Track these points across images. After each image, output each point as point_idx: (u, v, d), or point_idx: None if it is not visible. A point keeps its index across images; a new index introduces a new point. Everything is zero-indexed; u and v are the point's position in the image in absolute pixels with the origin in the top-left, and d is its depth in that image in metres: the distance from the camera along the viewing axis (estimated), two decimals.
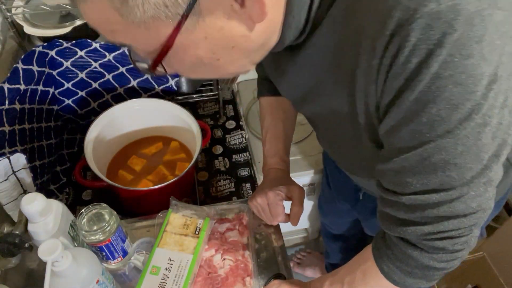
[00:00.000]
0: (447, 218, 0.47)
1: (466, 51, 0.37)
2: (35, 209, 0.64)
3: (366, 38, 0.41)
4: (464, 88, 0.38)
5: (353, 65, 0.44)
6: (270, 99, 0.84)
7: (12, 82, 0.79)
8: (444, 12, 0.36)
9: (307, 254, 1.67)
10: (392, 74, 0.40)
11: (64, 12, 1.00)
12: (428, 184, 0.45)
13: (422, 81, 0.39)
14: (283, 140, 0.84)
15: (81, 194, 0.99)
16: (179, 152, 1.00)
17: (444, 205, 0.46)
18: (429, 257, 0.51)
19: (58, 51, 0.91)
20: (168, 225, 0.78)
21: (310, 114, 0.66)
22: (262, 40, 0.45)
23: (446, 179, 0.44)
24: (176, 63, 0.44)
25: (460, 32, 0.36)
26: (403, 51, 0.38)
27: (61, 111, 1.02)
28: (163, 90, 1.03)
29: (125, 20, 0.37)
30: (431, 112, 0.40)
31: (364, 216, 1.00)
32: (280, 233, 0.83)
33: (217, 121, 1.17)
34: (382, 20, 0.38)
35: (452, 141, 0.41)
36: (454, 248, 0.49)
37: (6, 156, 0.75)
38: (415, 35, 0.37)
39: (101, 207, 0.71)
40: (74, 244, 0.73)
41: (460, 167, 0.43)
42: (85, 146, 0.87)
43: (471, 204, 0.46)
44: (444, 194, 0.45)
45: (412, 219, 0.49)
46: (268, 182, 0.81)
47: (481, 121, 0.40)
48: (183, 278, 0.71)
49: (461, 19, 0.36)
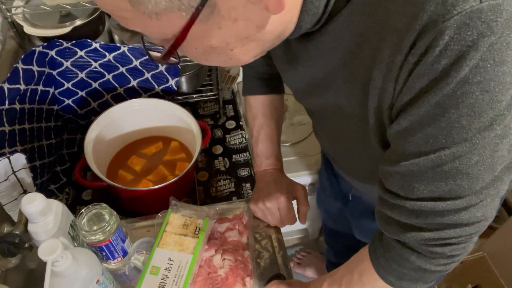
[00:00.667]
0: (450, 226, 0.45)
1: (500, 57, 0.34)
2: (35, 209, 0.64)
3: (391, 31, 0.38)
4: (490, 96, 0.36)
5: (372, 60, 0.41)
6: (261, 98, 0.83)
7: (12, 82, 0.79)
8: (485, 11, 0.33)
9: (307, 254, 1.67)
10: (416, 73, 0.37)
11: (64, 12, 1.00)
12: (436, 191, 0.43)
13: (448, 85, 0.36)
14: (277, 139, 0.84)
15: (81, 194, 0.99)
16: (179, 152, 1.00)
17: (450, 214, 0.44)
18: (427, 261, 0.50)
19: (58, 51, 0.91)
20: (168, 225, 0.78)
21: (313, 106, 0.64)
22: (278, 31, 0.43)
23: (455, 188, 0.42)
24: (189, 51, 0.42)
25: (498, 35, 0.33)
26: (434, 50, 0.35)
27: (61, 111, 1.02)
28: (163, 90, 1.03)
29: (136, 10, 0.35)
30: (451, 118, 0.38)
31: (353, 217, 0.98)
32: (280, 233, 0.82)
33: (217, 121, 1.17)
34: (412, 13, 0.35)
35: (468, 150, 0.39)
36: (452, 254, 0.49)
37: (6, 156, 0.75)
38: (449, 33, 0.34)
39: (101, 207, 0.71)
40: (74, 244, 0.73)
41: (471, 177, 0.41)
42: (85, 146, 0.87)
43: (477, 214, 0.44)
44: (451, 203, 0.43)
45: (413, 224, 0.48)
46: (271, 184, 0.80)
47: (501, 132, 0.38)
48: (182, 278, 0.71)
49: (501, 21, 0.33)
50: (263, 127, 0.83)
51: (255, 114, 0.83)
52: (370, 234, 0.94)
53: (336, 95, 0.51)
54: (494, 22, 0.33)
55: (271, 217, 0.79)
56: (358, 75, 0.45)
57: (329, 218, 1.26)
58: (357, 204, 0.92)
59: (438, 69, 0.36)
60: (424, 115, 0.39)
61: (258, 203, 0.79)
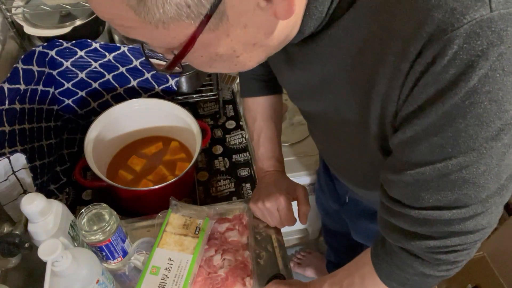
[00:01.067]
0: (455, 234, 0.45)
1: (509, 66, 0.34)
2: (35, 209, 0.64)
3: (395, 37, 0.37)
4: (498, 106, 0.35)
5: (375, 66, 0.41)
6: (259, 99, 0.82)
7: (12, 82, 0.79)
8: (495, 20, 0.32)
9: (307, 254, 1.67)
10: (423, 83, 0.37)
11: (64, 12, 1.00)
12: (442, 200, 0.43)
13: (456, 95, 0.35)
14: (277, 141, 0.83)
15: (81, 194, 0.99)
16: (179, 152, 1.00)
17: (455, 222, 0.44)
18: (430, 267, 0.50)
19: (58, 51, 0.91)
20: (168, 225, 0.78)
21: (308, 109, 0.63)
22: (284, 36, 0.43)
23: (461, 197, 0.42)
24: (194, 59, 0.42)
25: (508, 45, 0.33)
26: (442, 60, 0.34)
27: (61, 111, 1.02)
28: (163, 90, 1.03)
29: (141, 20, 0.34)
30: (458, 128, 0.37)
31: (350, 219, 0.98)
32: (280, 233, 0.82)
33: (217, 121, 1.17)
34: (419, 21, 0.35)
35: (475, 160, 0.39)
36: (456, 260, 0.49)
37: (6, 156, 0.75)
38: (458, 43, 0.33)
39: (101, 207, 0.71)
40: (74, 244, 0.73)
41: (478, 186, 0.41)
42: (85, 146, 0.87)
43: (482, 221, 0.44)
44: (457, 212, 0.43)
45: (418, 232, 0.47)
46: (271, 185, 0.80)
47: (508, 142, 0.38)
48: (182, 278, 0.71)
49: (511, 30, 0.33)
50: (263, 130, 0.82)
51: (254, 117, 0.83)
52: (367, 236, 0.95)
53: (335, 99, 0.50)
54: (505, 31, 0.33)
55: (270, 218, 0.79)
56: (359, 80, 0.44)
57: (328, 218, 1.25)
58: (353, 206, 0.92)
59: (446, 78, 0.35)
60: (431, 124, 0.38)
61: (258, 203, 0.79)
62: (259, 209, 0.79)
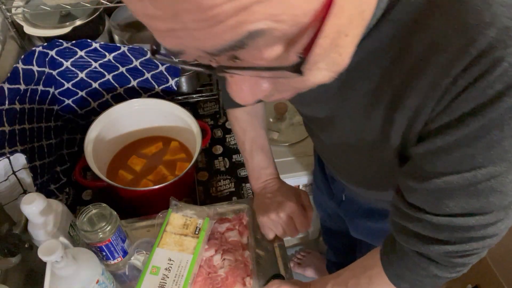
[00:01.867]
0: (475, 239, 0.45)
1: None
2: (35, 209, 0.64)
3: (439, 52, 0.36)
4: None
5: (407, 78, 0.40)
6: (244, 109, 0.80)
7: (12, 82, 0.79)
8: None
9: (307, 254, 1.67)
10: (464, 97, 0.36)
11: (64, 12, 1.00)
12: (467, 208, 0.43)
13: (498, 109, 0.35)
14: (269, 148, 0.82)
15: (81, 194, 0.99)
16: (179, 152, 1.00)
17: (477, 228, 0.44)
18: (445, 270, 0.50)
19: (58, 51, 0.91)
20: (168, 225, 0.78)
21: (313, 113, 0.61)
22: None
23: (486, 205, 0.42)
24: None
25: None
26: (490, 76, 0.34)
27: (61, 111, 1.02)
28: (163, 90, 1.03)
29: None
30: (493, 139, 0.37)
31: (347, 217, 0.98)
32: None
33: (217, 121, 1.17)
34: (470, 38, 0.34)
35: (505, 170, 0.39)
36: (470, 262, 0.49)
37: (6, 156, 0.75)
38: (509, 60, 0.33)
39: (101, 207, 0.71)
40: (74, 244, 0.73)
41: (504, 194, 0.41)
42: (85, 146, 0.87)
43: (501, 226, 0.45)
44: (480, 218, 0.43)
45: (437, 238, 0.47)
46: (277, 194, 0.79)
47: None
48: (183, 278, 0.71)
49: None
50: (255, 140, 0.81)
51: (244, 127, 0.81)
52: (365, 233, 0.95)
53: (351, 106, 0.49)
54: None
55: (286, 227, 0.77)
56: (385, 90, 0.43)
57: (327, 217, 1.25)
58: (350, 205, 0.92)
59: (490, 94, 0.35)
60: (465, 136, 0.38)
61: (270, 215, 0.76)
62: (272, 221, 0.77)
